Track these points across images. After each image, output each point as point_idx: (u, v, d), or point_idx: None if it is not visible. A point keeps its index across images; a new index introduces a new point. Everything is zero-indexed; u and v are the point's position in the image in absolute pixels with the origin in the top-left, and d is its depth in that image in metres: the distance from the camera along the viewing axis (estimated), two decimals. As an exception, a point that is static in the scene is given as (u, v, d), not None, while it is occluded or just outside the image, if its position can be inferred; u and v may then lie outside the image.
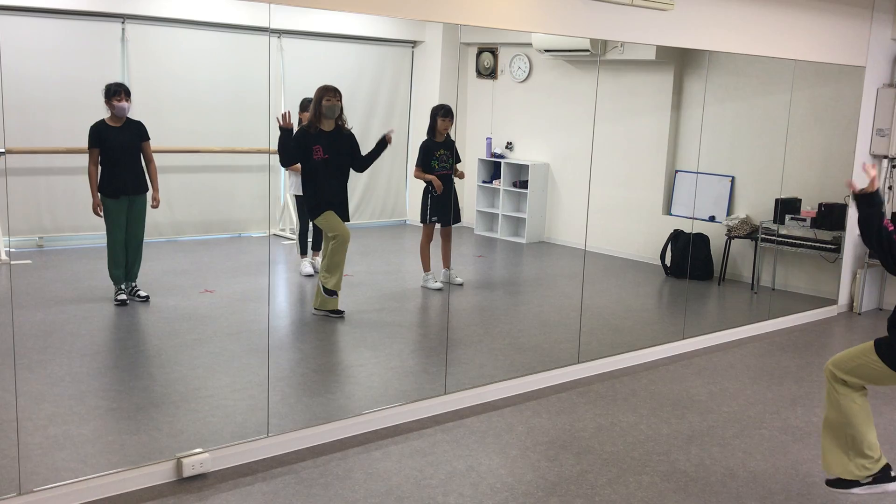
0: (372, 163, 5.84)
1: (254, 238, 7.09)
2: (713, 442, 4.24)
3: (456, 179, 6.49)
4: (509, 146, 7.68)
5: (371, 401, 4.47)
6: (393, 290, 6.74)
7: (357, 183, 6.87)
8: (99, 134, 5.61)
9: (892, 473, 3.39)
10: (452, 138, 6.40)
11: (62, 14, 6.67)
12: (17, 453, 3.52)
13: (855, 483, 3.40)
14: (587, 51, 6.62)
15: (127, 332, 5.40)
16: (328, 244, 5.67)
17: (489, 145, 7.60)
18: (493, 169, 7.68)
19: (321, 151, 5.54)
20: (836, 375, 3.37)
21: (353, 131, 6.39)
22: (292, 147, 5.49)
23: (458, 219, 6.69)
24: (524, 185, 7.59)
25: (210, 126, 6.82)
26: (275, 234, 7.42)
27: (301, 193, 6.48)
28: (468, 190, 7.78)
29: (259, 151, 6.82)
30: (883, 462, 3.38)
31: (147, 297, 5.84)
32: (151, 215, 7.21)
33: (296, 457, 3.86)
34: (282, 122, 5.33)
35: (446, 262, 6.60)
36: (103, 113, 5.77)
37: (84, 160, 6.83)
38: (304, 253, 6.76)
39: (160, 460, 3.60)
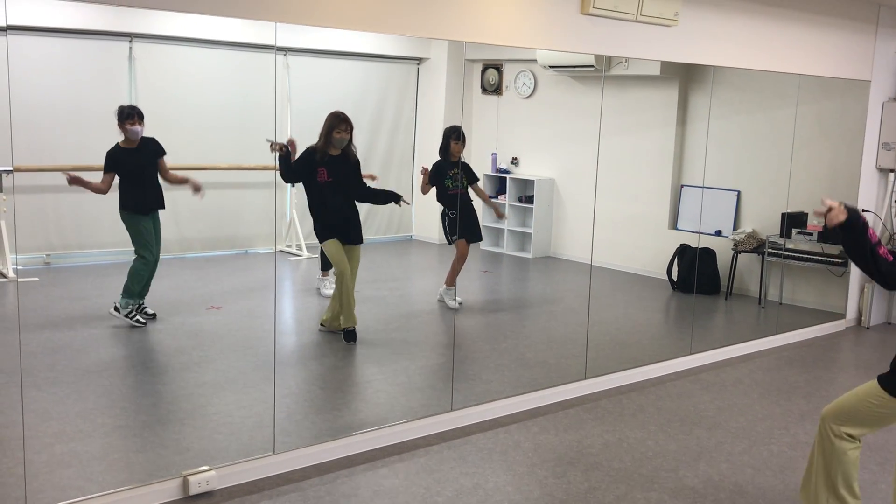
0: (371, 202, 5.87)
1: (260, 254, 7.11)
2: (721, 458, 4.21)
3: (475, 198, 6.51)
4: (514, 161, 7.69)
5: (377, 418, 4.46)
6: (399, 305, 6.74)
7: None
8: (115, 160, 5.61)
9: None
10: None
11: (70, 33, 6.72)
12: (24, 471, 3.51)
13: None
14: (592, 66, 6.64)
15: (133, 350, 5.40)
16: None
17: (494, 161, 7.60)
18: (498, 184, 7.68)
19: (325, 174, 5.52)
20: (834, 430, 3.22)
21: (358, 151, 6.41)
22: (295, 166, 5.49)
23: (479, 237, 6.65)
24: (530, 200, 7.59)
25: (217, 143, 6.86)
26: (281, 251, 7.43)
27: None
28: (474, 205, 7.79)
29: (265, 168, 6.84)
30: None
31: (154, 315, 5.83)
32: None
33: (302, 474, 3.85)
34: (278, 150, 5.32)
35: (450, 279, 6.53)
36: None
37: (92, 177, 6.86)
38: (325, 269, 6.63)
39: (166, 478, 3.60)
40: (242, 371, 5.12)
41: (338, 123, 5.48)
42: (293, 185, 6.45)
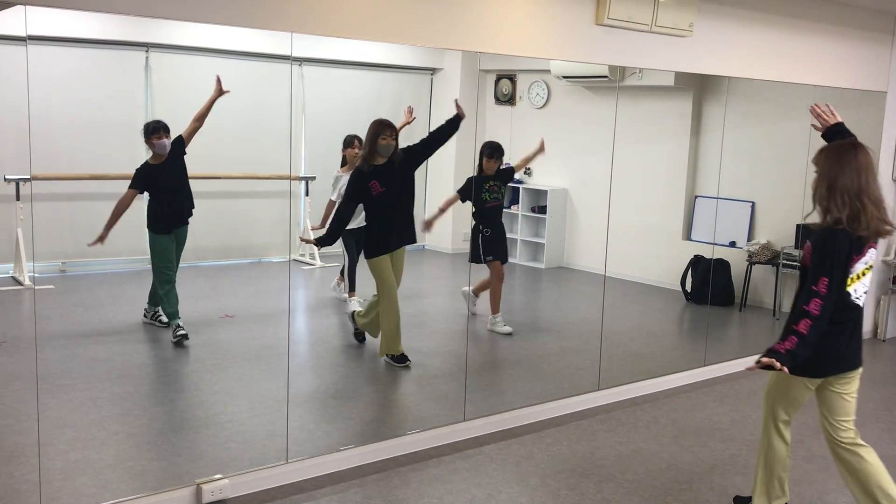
0: (439, 146, 5.43)
1: (274, 263, 7.13)
2: (736, 471, 4.18)
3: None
4: (528, 172, 7.69)
5: (390, 427, 4.46)
6: (411, 315, 6.73)
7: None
8: (146, 178, 5.51)
9: None
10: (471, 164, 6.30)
11: (87, 43, 6.79)
12: (39, 478, 3.53)
13: None
14: (606, 77, 6.64)
15: (147, 358, 5.43)
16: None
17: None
18: (511, 194, 7.68)
19: (378, 186, 5.23)
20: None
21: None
22: (351, 193, 5.27)
23: (507, 257, 6.46)
24: (543, 210, 7.59)
25: (232, 152, 6.89)
26: (295, 260, 7.45)
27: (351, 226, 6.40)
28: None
29: (280, 177, 6.87)
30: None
31: (167, 324, 5.85)
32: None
33: (315, 483, 3.85)
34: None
35: (494, 307, 6.28)
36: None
37: (109, 186, 6.91)
38: (352, 289, 6.44)
39: (180, 486, 3.60)
40: (256, 380, 5.13)
41: (382, 129, 5.23)
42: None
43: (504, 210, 6.73)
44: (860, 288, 3.26)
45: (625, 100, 5.96)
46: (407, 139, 6.84)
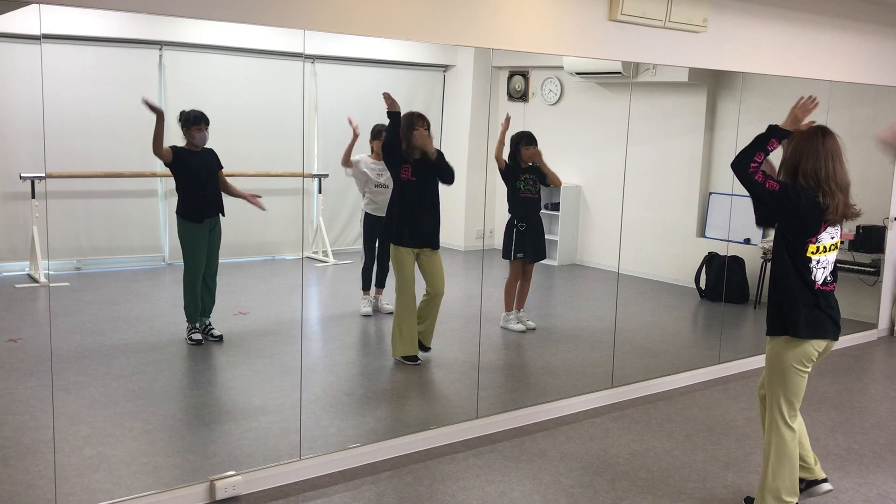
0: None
1: (287, 261, 7.15)
2: (750, 469, 4.15)
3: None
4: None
5: (403, 424, 4.46)
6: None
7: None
8: (180, 157, 5.37)
9: None
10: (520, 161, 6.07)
11: (101, 41, 6.82)
12: (54, 474, 3.55)
13: None
14: (619, 73, 6.61)
15: (162, 354, 5.45)
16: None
17: (521, 168, 7.58)
18: (524, 191, 7.66)
19: (409, 172, 5.20)
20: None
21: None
22: (390, 151, 5.22)
23: (543, 254, 6.29)
24: (556, 207, 7.56)
25: (245, 150, 6.91)
26: (308, 257, 7.47)
27: (363, 207, 6.29)
28: (499, 212, 7.77)
29: (293, 175, 6.89)
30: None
31: (221, 337, 5.64)
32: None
33: (328, 480, 3.85)
34: None
35: (520, 303, 6.25)
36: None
37: (123, 183, 6.95)
38: (366, 289, 6.44)
39: (193, 482, 3.62)
40: (269, 376, 5.14)
41: (416, 120, 5.17)
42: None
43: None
44: (822, 261, 3.41)
45: (638, 96, 5.93)
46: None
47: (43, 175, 6.32)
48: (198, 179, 5.45)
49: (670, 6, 4.78)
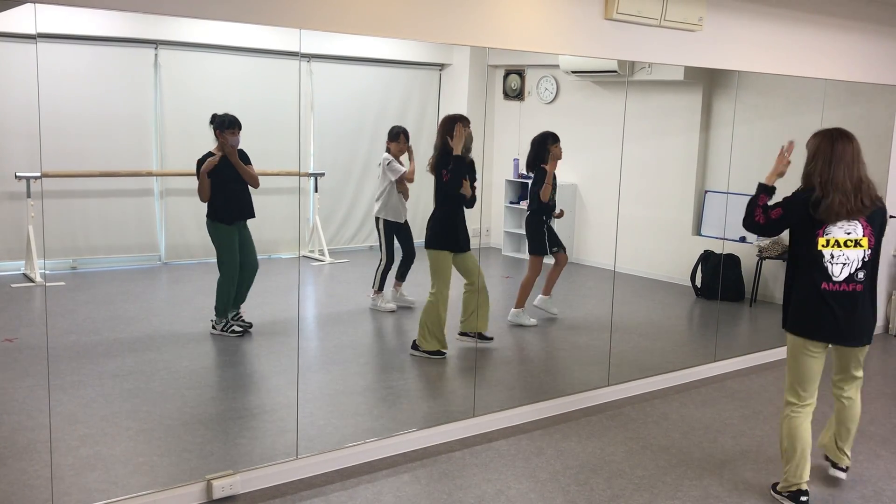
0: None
1: (283, 259, 7.14)
2: (746, 466, 4.17)
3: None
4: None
5: (400, 423, 4.47)
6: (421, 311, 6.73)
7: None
8: (217, 168, 5.51)
9: None
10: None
11: (96, 40, 6.82)
12: (51, 474, 3.55)
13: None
14: (615, 72, 6.62)
15: (158, 354, 5.45)
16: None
17: (516, 166, 7.59)
18: (520, 190, 7.67)
19: (447, 174, 5.32)
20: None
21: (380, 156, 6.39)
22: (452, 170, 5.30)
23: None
24: (552, 205, 7.57)
25: (241, 148, 6.90)
26: (304, 256, 7.47)
27: (383, 216, 6.39)
28: (495, 210, 7.79)
29: (289, 174, 6.88)
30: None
31: (250, 325, 5.77)
32: (183, 237, 7.29)
33: (325, 479, 3.86)
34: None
35: (548, 289, 6.49)
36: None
37: (119, 183, 6.94)
38: (380, 289, 6.49)
39: (190, 482, 3.62)
40: (265, 375, 5.15)
41: (459, 120, 5.26)
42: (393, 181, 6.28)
43: (513, 206, 6.70)
44: (837, 256, 3.55)
45: (634, 94, 5.94)
46: (415, 139, 6.85)
47: (38, 174, 6.32)
48: (228, 185, 5.54)
49: (666, 5, 4.78)
